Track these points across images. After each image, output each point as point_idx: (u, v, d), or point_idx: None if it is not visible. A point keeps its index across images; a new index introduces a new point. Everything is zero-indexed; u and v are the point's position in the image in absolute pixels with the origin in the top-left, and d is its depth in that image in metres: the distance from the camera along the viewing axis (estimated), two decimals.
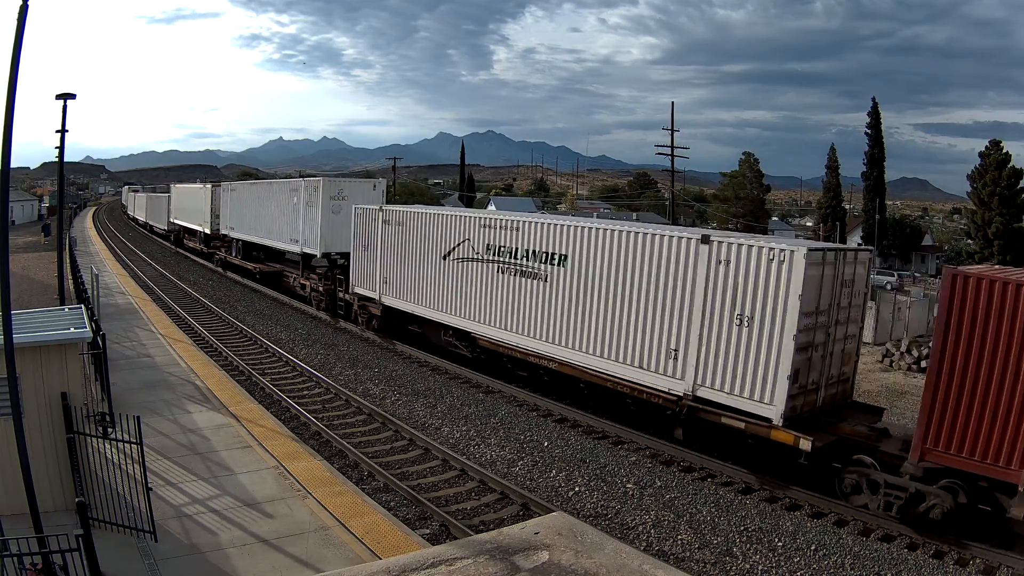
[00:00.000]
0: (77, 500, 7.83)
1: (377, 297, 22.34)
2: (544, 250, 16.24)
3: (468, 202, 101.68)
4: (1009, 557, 10.08)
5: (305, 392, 17.67)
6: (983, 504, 10.68)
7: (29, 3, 7.97)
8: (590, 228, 15.42)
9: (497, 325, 17.58)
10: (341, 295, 25.17)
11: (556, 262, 15.92)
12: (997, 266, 14.81)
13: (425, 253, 20.07)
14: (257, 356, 21.19)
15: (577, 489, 12.44)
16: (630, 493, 12.26)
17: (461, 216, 19.10)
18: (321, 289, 26.90)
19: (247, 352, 21.58)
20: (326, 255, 25.92)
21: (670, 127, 41.54)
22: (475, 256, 18.21)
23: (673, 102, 42.52)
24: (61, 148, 23.76)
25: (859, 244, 62.92)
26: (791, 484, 12.48)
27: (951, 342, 10.59)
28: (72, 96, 21.70)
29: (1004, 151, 56.86)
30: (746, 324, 12.39)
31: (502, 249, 17.36)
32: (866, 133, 68.56)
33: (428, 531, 10.68)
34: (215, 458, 12.14)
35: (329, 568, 8.52)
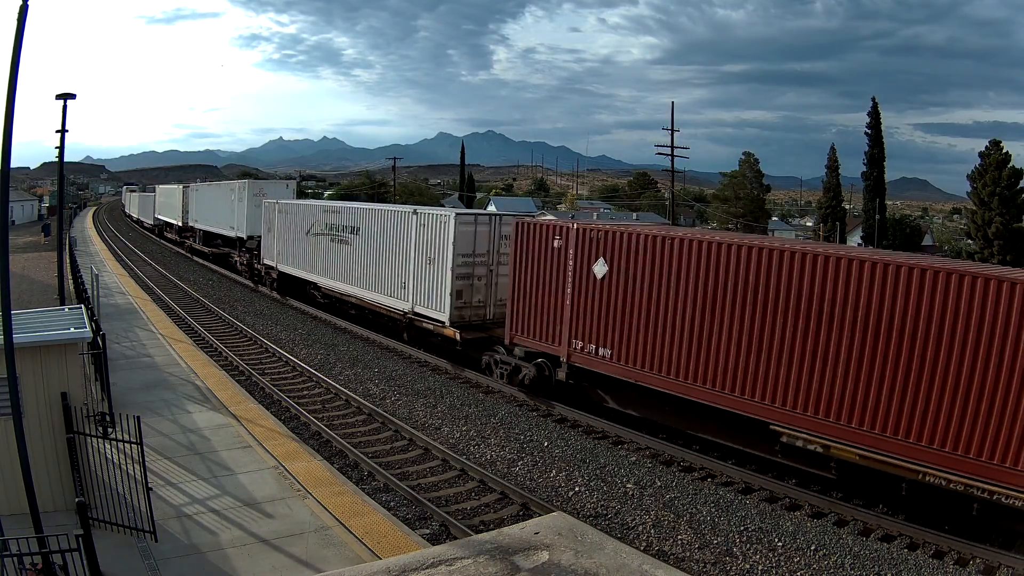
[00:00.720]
0: (77, 500, 7.83)
1: (275, 265, 30.31)
2: (349, 224, 24.18)
3: (468, 202, 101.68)
4: (1009, 557, 10.07)
5: (305, 392, 17.67)
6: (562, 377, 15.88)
7: (29, 3, 7.97)
8: (366, 209, 23.85)
9: (330, 277, 25.47)
10: (256, 266, 33.13)
11: (354, 232, 23.78)
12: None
13: (297, 232, 27.95)
14: (257, 356, 21.19)
15: (577, 489, 12.44)
16: (630, 493, 12.25)
17: (314, 205, 29.15)
18: (245, 262, 35.53)
19: (247, 352, 21.58)
20: (251, 237, 34.18)
21: (670, 127, 41.57)
22: (320, 232, 26.16)
23: (673, 102, 42.59)
24: (61, 148, 23.77)
25: (859, 244, 62.97)
26: (465, 367, 19.16)
27: (518, 266, 16.65)
28: (72, 96, 21.72)
29: (1004, 151, 56.82)
30: (432, 263, 19.47)
31: (331, 226, 25.37)
32: (866, 133, 68.51)
33: (428, 531, 10.68)
34: (215, 458, 12.14)
35: (329, 568, 8.52)
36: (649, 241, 13.91)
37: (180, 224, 48.68)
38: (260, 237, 32.23)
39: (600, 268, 14.77)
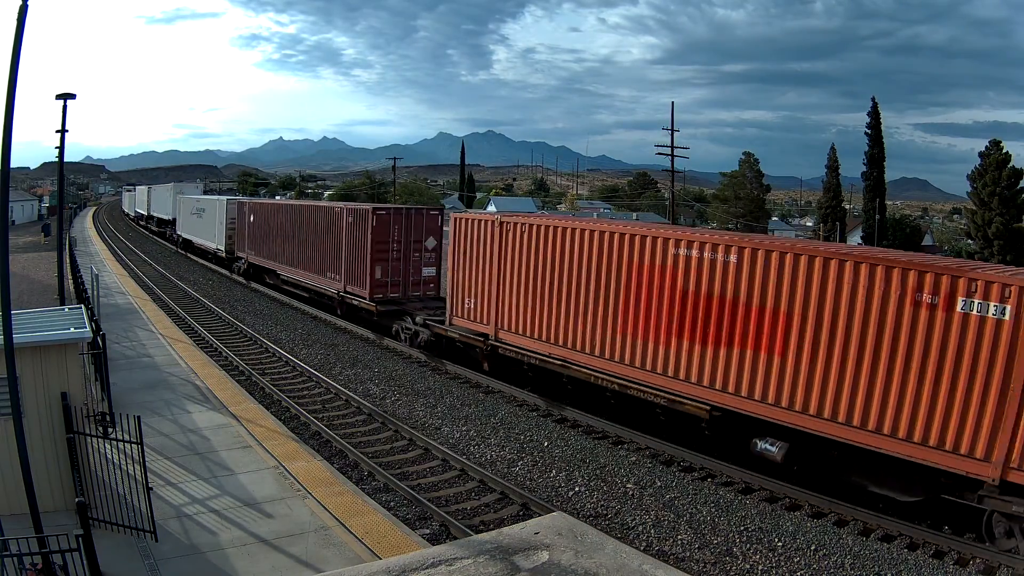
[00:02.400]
0: (77, 500, 7.84)
1: (181, 234, 47.89)
2: (199, 208, 40.67)
3: (468, 202, 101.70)
4: (1009, 557, 10.08)
5: (305, 392, 17.67)
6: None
7: (29, 3, 7.97)
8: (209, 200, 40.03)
9: (191, 233, 42.32)
10: (173, 234, 51.14)
11: (199, 214, 39.51)
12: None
13: (187, 214, 45.23)
14: (257, 356, 21.20)
15: (577, 489, 12.44)
16: (630, 493, 12.25)
17: (189, 198, 47.48)
18: (171, 235, 53.45)
19: (247, 352, 21.58)
20: (174, 220, 51.70)
21: (670, 127, 41.56)
22: (193, 212, 43.65)
23: (673, 102, 42.57)
24: (61, 148, 23.76)
25: (858, 243, 62.91)
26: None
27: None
28: (72, 96, 21.70)
29: (1004, 151, 56.81)
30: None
31: (198, 210, 42.18)
32: (866, 133, 68.50)
33: (428, 531, 10.68)
34: (215, 458, 12.14)
35: (329, 568, 8.52)
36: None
37: (146, 213, 69.47)
38: (177, 218, 50.53)
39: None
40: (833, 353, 11.32)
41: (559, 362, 15.91)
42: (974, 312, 10.00)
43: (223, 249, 37.20)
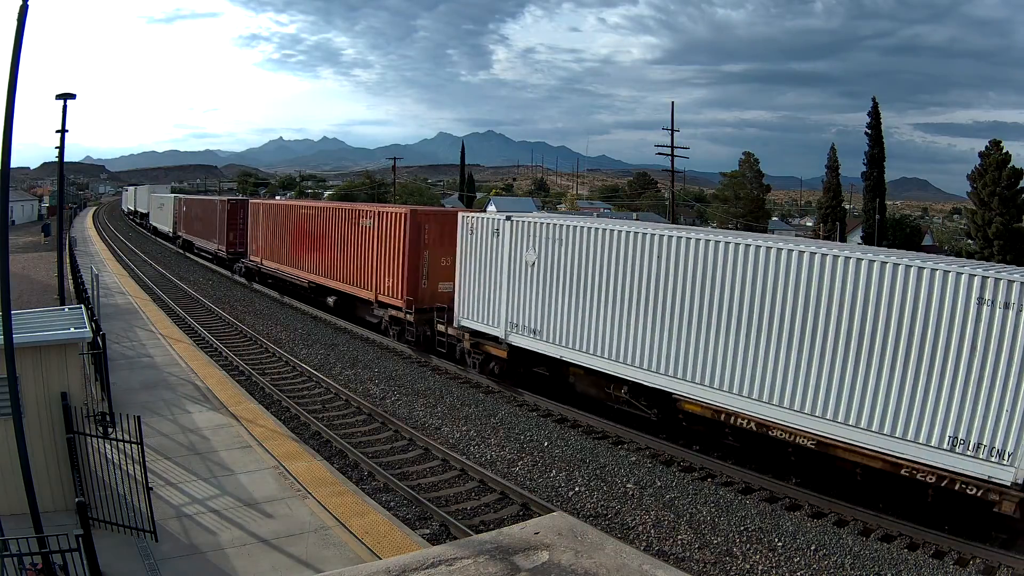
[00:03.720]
0: (77, 500, 7.83)
1: (151, 223, 64.66)
2: (162, 203, 59.88)
3: (468, 202, 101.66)
4: (1009, 557, 10.08)
5: (305, 392, 17.67)
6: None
7: (29, 3, 7.97)
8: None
9: (159, 223, 59.77)
10: (147, 224, 70.28)
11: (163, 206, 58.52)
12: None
13: (156, 207, 62.99)
14: (257, 356, 21.20)
15: (577, 489, 12.44)
16: (630, 493, 12.25)
17: (160, 194, 69.26)
18: (144, 223, 72.07)
19: (247, 352, 21.58)
20: (147, 213, 69.45)
21: (670, 127, 41.52)
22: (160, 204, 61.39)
23: (673, 102, 42.51)
24: (61, 148, 23.77)
25: (858, 243, 62.88)
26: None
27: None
28: (72, 96, 21.71)
29: (1004, 151, 56.77)
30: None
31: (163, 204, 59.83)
32: (866, 133, 68.39)
33: (428, 531, 10.68)
34: (215, 458, 12.14)
35: (329, 568, 8.52)
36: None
37: (134, 208, 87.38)
38: (149, 212, 68.82)
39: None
40: None
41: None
42: None
43: (171, 231, 54.20)
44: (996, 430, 9.72)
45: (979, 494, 9.95)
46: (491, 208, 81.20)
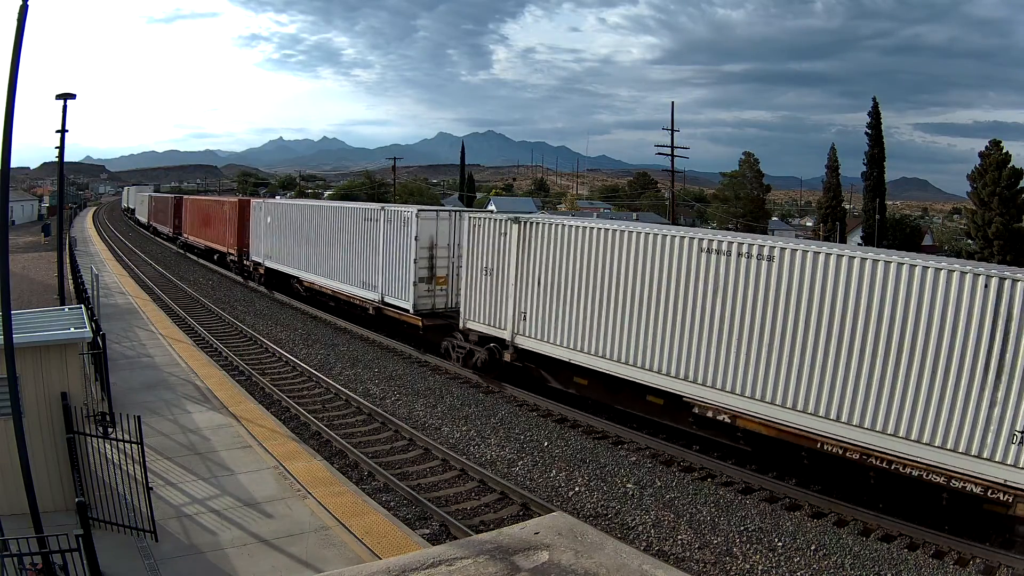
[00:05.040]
0: (77, 500, 7.83)
1: (136, 215, 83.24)
2: (142, 199, 78.73)
3: (468, 202, 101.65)
4: (1009, 557, 10.07)
5: (305, 392, 17.67)
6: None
7: (29, 3, 7.97)
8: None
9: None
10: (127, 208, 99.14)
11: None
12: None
13: (135, 199, 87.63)
14: (257, 356, 21.19)
15: (577, 489, 12.44)
16: (630, 493, 12.25)
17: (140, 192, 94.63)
18: (131, 215, 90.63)
19: (247, 352, 21.58)
20: (135, 208, 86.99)
21: (670, 127, 41.53)
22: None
23: (673, 102, 42.53)
24: (61, 148, 23.77)
25: (859, 243, 62.90)
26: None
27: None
28: (72, 96, 21.72)
29: (1004, 151, 56.78)
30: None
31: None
32: (866, 133, 68.41)
33: (428, 531, 10.67)
34: (215, 458, 12.14)
35: (329, 568, 8.52)
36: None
37: (128, 206, 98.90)
38: (135, 207, 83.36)
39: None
40: None
41: None
42: None
43: (145, 220, 70.32)
44: None
45: None
46: (491, 208, 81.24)
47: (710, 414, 12.80)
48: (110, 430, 10.86)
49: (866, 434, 10.90)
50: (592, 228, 15.17)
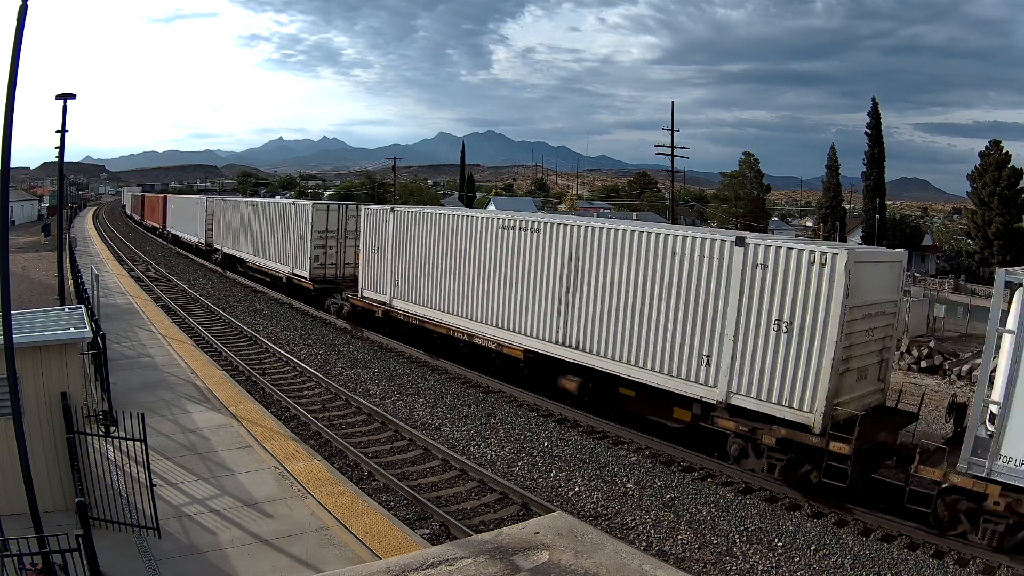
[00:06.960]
0: (77, 500, 7.83)
1: (128, 212, 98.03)
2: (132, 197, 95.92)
3: (468, 202, 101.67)
4: (1009, 557, 10.08)
5: (305, 392, 17.67)
6: None
7: (29, 3, 7.97)
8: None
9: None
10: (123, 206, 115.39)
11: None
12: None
13: (133, 203, 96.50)
14: (257, 356, 21.19)
15: (577, 489, 12.44)
16: (630, 493, 12.26)
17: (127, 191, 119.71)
18: (127, 213, 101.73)
19: (247, 352, 21.58)
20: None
21: (670, 127, 41.50)
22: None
23: (673, 102, 42.49)
24: (61, 148, 23.75)
25: (858, 243, 62.86)
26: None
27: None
28: (72, 96, 21.70)
29: (1004, 151, 56.84)
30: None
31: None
32: (866, 133, 68.41)
33: (428, 531, 10.67)
34: (215, 458, 12.14)
35: (329, 568, 8.52)
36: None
37: (126, 205, 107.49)
38: (126, 204, 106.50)
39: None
40: None
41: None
42: None
43: (127, 211, 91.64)
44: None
45: None
46: (491, 207, 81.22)
47: (478, 341, 18.21)
48: (112, 429, 10.86)
49: (584, 356, 15.30)
50: (433, 214, 20.12)
